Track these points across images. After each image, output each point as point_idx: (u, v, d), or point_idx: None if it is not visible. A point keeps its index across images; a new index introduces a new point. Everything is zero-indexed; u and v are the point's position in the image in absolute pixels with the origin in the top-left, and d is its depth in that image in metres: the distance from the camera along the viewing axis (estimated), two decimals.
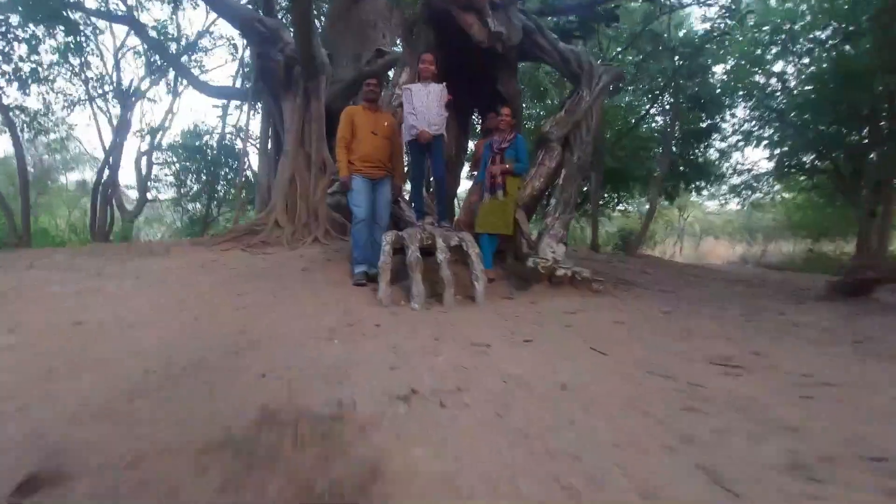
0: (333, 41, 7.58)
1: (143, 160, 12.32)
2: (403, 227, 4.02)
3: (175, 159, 11.53)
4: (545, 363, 1.83)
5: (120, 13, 7.74)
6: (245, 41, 5.65)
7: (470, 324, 2.46)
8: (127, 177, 22.56)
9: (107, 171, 8.62)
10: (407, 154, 4.24)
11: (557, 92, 10.22)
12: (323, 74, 5.57)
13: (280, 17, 7.03)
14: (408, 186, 4.97)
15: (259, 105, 7.21)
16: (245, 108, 8.12)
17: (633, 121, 9.46)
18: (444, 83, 3.71)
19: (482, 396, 1.45)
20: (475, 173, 4.74)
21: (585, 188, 8.84)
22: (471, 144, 6.88)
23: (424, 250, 3.29)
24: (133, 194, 13.55)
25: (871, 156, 9.02)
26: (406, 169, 4.64)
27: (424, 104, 3.58)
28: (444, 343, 2.07)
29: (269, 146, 6.68)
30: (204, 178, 11.27)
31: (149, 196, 12.53)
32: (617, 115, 10.16)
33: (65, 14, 7.24)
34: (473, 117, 6.77)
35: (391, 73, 6.07)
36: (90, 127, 12.32)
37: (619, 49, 7.93)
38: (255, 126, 8.30)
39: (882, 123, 8.30)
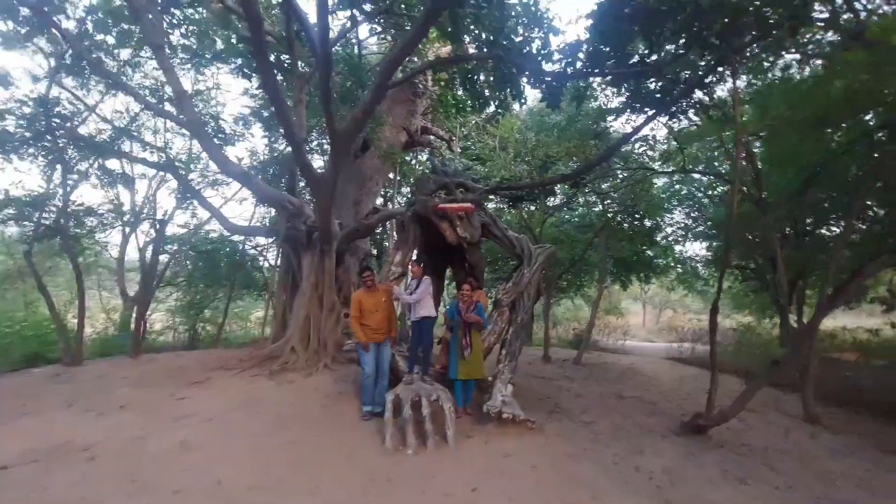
0: (340, 188, 9.60)
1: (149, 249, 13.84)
2: (399, 374, 5.66)
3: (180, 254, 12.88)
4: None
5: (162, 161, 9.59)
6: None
7: (437, 470, 4.08)
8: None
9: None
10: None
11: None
12: (335, 240, 7.42)
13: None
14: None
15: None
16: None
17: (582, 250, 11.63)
18: (428, 277, 5.56)
19: None
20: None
21: (542, 303, 10.82)
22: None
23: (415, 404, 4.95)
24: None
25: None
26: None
27: (417, 296, 5.42)
28: (425, 486, 3.68)
29: (281, 281, 8.42)
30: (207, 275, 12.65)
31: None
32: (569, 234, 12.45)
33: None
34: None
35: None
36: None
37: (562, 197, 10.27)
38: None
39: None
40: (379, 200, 11.37)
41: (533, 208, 10.23)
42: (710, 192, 13.28)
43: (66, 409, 5.52)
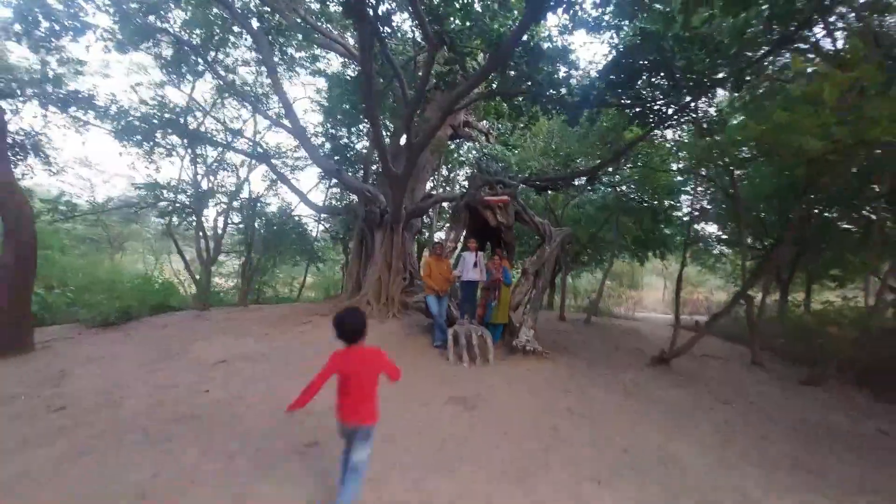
0: None
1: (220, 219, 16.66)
2: (454, 319, 8.02)
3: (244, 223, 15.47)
4: (509, 389, 5.80)
5: (258, 152, 12.02)
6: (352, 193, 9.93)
7: (484, 374, 6.44)
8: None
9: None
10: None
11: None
12: (402, 220, 9.74)
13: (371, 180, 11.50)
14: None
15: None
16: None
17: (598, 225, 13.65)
18: (480, 252, 7.83)
19: (494, 396, 5.42)
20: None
21: (560, 274, 13.00)
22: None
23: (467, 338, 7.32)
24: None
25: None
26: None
27: (469, 264, 7.70)
28: (479, 381, 6.05)
29: (355, 251, 10.87)
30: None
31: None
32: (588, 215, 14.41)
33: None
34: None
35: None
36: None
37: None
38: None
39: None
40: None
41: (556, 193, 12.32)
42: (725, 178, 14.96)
43: (228, 336, 8.14)
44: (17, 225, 6.23)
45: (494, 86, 8.17)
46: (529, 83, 7.28)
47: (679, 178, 14.75)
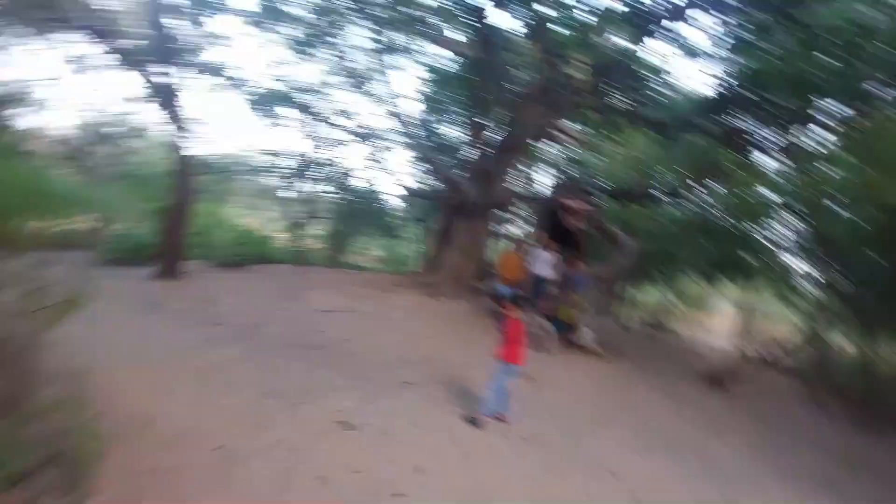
0: None
1: None
2: None
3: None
4: (568, 375, 6.57)
5: None
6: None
7: (546, 362, 7.23)
8: None
9: None
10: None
11: None
12: (484, 212, 10.65)
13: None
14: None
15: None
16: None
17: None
18: (554, 251, 8.59)
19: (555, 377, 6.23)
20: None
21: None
22: None
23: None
24: None
25: None
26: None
27: (543, 262, 8.47)
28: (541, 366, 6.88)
29: (438, 234, 11.95)
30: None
31: None
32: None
33: None
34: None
35: None
36: None
37: None
38: None
39: None
40: None
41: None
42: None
43: (329, 291, 9.47)
44: (184, 177, 7.88)
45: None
46: (631, 102, 7.81)
47: (770, 206, 14.40)
